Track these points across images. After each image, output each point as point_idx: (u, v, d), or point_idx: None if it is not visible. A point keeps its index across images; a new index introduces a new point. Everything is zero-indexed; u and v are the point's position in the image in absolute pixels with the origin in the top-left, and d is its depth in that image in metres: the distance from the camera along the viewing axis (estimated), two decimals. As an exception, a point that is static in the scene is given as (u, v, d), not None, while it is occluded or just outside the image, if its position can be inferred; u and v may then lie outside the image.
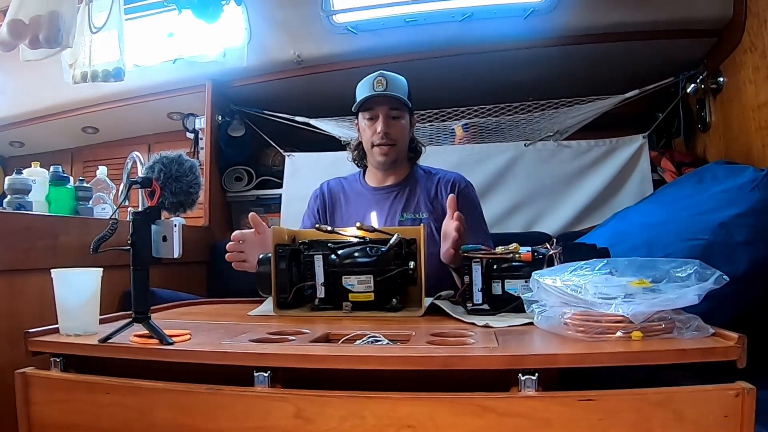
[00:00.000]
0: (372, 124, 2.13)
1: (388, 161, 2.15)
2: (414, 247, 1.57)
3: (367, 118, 2.15)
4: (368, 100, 2.11)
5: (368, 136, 2.15)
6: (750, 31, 2.34)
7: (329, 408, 0.99)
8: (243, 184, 3.37)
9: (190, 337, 1.21)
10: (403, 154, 2.20)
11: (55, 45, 2.10)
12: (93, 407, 1.12)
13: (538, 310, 1.18)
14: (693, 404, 0.93)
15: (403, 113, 2.15)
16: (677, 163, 2.89)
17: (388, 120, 2.11)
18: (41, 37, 2.06)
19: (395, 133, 2.12)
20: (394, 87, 2.10)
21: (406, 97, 2.13)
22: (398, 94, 2.10)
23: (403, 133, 2.16)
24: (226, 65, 2.96)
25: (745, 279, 1.78)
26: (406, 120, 2.17)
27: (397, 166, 2.20)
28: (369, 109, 2.14)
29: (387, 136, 2.10)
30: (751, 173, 2.01)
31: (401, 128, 2.15)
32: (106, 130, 3.86)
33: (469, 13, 2.75)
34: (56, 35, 2.07)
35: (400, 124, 2.14)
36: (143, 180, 1.23)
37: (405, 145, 2.20)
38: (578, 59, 2.92)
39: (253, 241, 1.85)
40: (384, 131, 2.10)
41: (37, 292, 1.73)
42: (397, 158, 2.17)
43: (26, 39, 2.07)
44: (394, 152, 2.14)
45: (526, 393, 0.96)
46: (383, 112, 2.11)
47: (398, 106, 2.12)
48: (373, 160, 2.20)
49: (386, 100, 2.10)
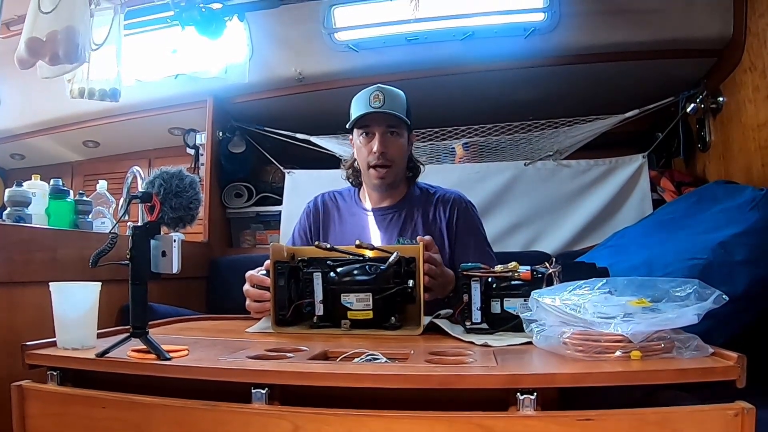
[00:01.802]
0: (368, 142, 2.01)
1: (384, 184, 2.05)
2: (413, 266, 1.57)
3: (363, 136, 2.03)
4: (364, 117, 1.98)
5: (364, 155, 2.03)
6: (750, 50, 2.35)
7: (327, 426, 0.99)
8: (243, 201, 3.38)
9: (188, 352, 1.20)
10: (400, 175, 2.10)
11: (75, 60, 2.10)
12: (89, 421, 1.11)
13: (537, 329, 1.18)
14: (692, 424, 0.92)
15: (402, 131, 2.03)
16: (677, 182, 2.90)
17: (385, 138, 1.99)
18: (61, 54, 2.06)
19: (393, 152, 2.01)
20: (392, 102, 1.98)
21: (404, 114, 2.01)
22: (396, 110, 1.98)
23: (401, 152, 2.05)
24: (228, 81, 2.97)
25: (745, 298, 1.77)
26: (405, 138, 2.05)
27: (393, 186, 2.11)
28: (365, 126, 2.02)
29: (384, 156, 1.99)
30: (750, 193, 2.01)
31: (399, 147, 2.03)
32: (106, 144, 3.87)
33: (469, 32, 2.76)
34: (75, 50, 2.07)
35: (398, 142, 2.02)
36: (143, 195, 1.23)
37: (402, 165, 2.09)
38: (578, 79, 2.94)
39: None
40: (381, 150, 1.98)
41: (36, 304, 1.73)
42: (394, 180, 2.07)
43: (46, 57, 2.07)
44: (391, 174, 2.03)
45: (524, 412, 0.95)
46: (380, 130, 1.99)
47: (396, 123, 2.00)
48: (369, 182, 2.09)
49: (384, 117, 1.98)
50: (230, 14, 2.48)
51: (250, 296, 1.74)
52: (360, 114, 1.98)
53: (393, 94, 2.02)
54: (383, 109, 1.97)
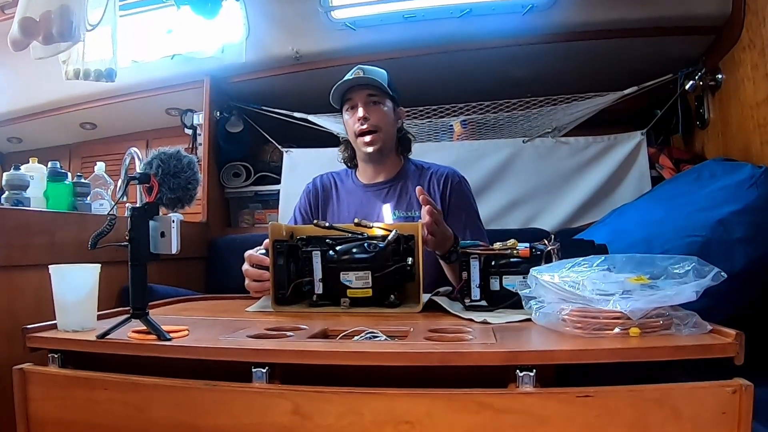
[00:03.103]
0: (353, 113, 2.10)
1: (375, 151, 2.09)
2: (412, 243, 1.57)
3: (349, 108, 2.12)
4: (346, 91, 2.09)
5: (351, 126, 2.12)
6: (749, 28, 2.33)
7: (327, 404, 1.00)
8: (241, 180, 3.37)
9: (188, 333, 1.21)
10: (389, 143, 2.16)
11: (69, 39, 2.08)
12: (91, 403, 1.12)
13: (536, 306, 1.19)
14: (690, 401, 0.93)
15: (383, 99, 2.11)
16: (675, 159, 2.90)
17: (367, 106, 2.07)
18: (54, 32, 2.04)
19: (375, 119, 2.08)
20: (371, 75, 2.07)
21: (385, 85, 2.09)
22: (376, 80, 2.07)
23: (385, 119, 2.11)
24: (225, 61, 2.96)
25: (743, 276, 1.78)
26: (389, 107, 2.13)
27: (385, 159, 2.16)
28: (348, 100, 2.11)
29: (366, 121, 2.06)
30: (749, 170, 2.01)
31: (382, 114, 2.10)
32: (104, 126, 3.86)
33: (467, 9, 2.74)
34: (69, 29, 2.05)
35: (380, 110, 2.09)
36: (141, 176, 1.23)
37: (390, 134, 2.15)
38: (577, 56, 2.92)
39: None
40: (363, 115, 2.05)
41: (35, 288, 1.73)
42: (383, 147, 2.11)
43: (39, 36, 2.05)
44: (378, 139, 2.08)
45: (523, 389, 0.96)
46: (362, 98, 2.07)
47: (377, 93, 2.09)
48: (361, 153, 2.16)
49: (363, 87, 2.08)
50: (226, -7, 2.46)
51: (250, 276, 1.75)
52: (340, 83, 2.07)
53: (372, 69, 2.12)
54: (362, 78, 2.06)
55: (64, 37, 2.07)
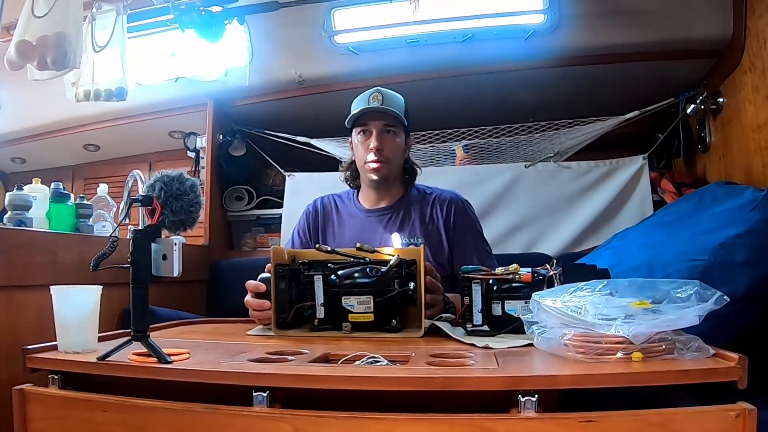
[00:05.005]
0: (365, 140, 2.05)
1: (380, 179, 2.06)
2: (414, 268, 1.56)
3: (361, 134, 2.07)
4: (362, 116, 2.03)
5: (361, 153, 2.07)
6: (749, 51, 2.35)
7: (328, 429, 0.99)
8: (243, 204, 3.37)
9: (189, 356, 1.20)
10: (395, 173, 2.12)
11: (62, 67, 2.10)
12: (90, 425, 1.11)
13: (538, 331, 1.18)
14: (693, 425, 0.92)
15: (399, 130, 2.07)
16: (677, 183, 2.90)
17: (382, 136, 2.03)
18: (48, 60, 2.06)
19: (389, 150, 2.04)
20: (389, 103, 2.02)
21: (402, 115, 2.05)
22: (394, 110, 2.02)
23: (397, 151, 2.07)
24: (228, 84, 2.98)
25: (746, 299, 1.78)
26: (401, 139, 2.09)
27: (390, 186, 2.12)
28: (363, 125, 2.06)
29: (380, 152, 2.01)
30: (751, 193, 2.02)
31: (395, 146, 2.06)
32: (107, 148, 3.87)
33: (469, 34, 2.77)
34: (63, 57, 2.08)
35: (394, 141, 2.05)
36: (144, 198, 1.23)
37: (398, 164, 2.11)
38: (578, 80, 2.94)
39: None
40: (377, 147, 2.01)
41: (36, 308, 1.73)
42: (389, 177, 2.08)
43: (34, 60, 2.08)
44: (386, 169, 2.04)
45: (526, 414, 0.95)
46: (377, 127, 2.03)
47: (394, 122, 2.04)
48: (366, 179, 2.11)
49: (381, 115, 2.02)
50: (230, 17, 2.48)
51: (251, 306, 1.73)
52: (358, 110, 2.02)
53: (391, 95, 2.06)
54: (381, 107, 2.01)
55: (57, 65, 2.10)
